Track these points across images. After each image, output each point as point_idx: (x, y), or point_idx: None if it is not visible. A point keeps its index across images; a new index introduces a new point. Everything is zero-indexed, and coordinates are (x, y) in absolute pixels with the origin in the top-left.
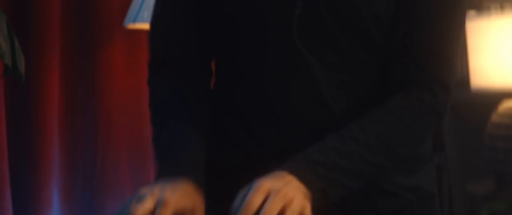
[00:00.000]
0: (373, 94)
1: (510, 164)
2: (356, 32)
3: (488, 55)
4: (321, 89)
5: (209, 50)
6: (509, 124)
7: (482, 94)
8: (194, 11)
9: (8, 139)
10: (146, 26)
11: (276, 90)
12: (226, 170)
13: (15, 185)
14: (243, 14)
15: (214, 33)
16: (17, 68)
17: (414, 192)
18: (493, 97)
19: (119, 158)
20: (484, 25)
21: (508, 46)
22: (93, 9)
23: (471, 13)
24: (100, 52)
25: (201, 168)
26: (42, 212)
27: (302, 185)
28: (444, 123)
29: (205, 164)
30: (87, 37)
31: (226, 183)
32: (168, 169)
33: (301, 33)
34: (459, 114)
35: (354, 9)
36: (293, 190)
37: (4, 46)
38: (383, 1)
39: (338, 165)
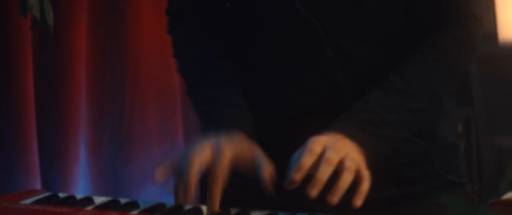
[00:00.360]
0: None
1: None
2: None
3: None
4: (334, 38)
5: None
6: None
7: (510, 48)
8: None
9: (35, 92)
10: None
11: (288, 40)
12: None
13: (42, 138)
14: None
15: None
16: (45, 21)
17: (430, 140)
18: None
19: (146, 110)
20: None
21: None
22: None
23: None
24: (128, 4)
25: (249, 118)
26: (69, 165)
27: (354, 143)
28: (472, 76)
29: None
30: None
31: None
32: (216, 122)
33: None
34: (487, 67)
35: None
36: (348, 144)
37: None
38: None
39: (385, 120)
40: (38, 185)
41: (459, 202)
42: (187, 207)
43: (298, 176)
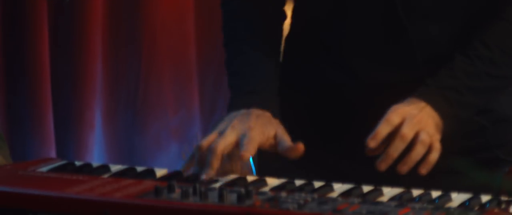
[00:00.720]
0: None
1: None
2: None
3: None
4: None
5: None
6: None
7: None
8: None
9: (51, 61)
10: None
11: (366, 20)
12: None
13: (58, 107)
14: None
15: None
16: None
17: (485, 115)
18: None
19: (162, 78)
20: None
21: None
22: None
23: None
24: None
25: (275, 96)
26: (84, 132)
27: (436, 113)
28: None
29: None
30: None
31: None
32: (241, 98)
33: None
34: None
35: None
36: (427, 117)
37: None
38: None
39: (468, 86)
40: (53, 154)
41: (477, 169)
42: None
43: (372, 143)
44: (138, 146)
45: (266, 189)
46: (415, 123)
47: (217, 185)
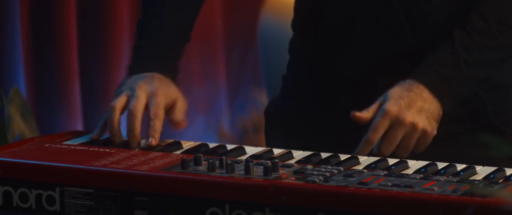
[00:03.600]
0: None
1: None
2: None
3: None
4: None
5: None
6: None
7: None
8: None
9: (78, 33)
10: None
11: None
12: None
13: (84, 79)
14: None
15: None
16: None
17: (482, 83)
18: None
19: (188, 50)
20: None
21: None
22: None
23: None
24: None
25: (176, 63)
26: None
27: (433, 98)
28: None
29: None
30: None
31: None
32: (145, 60)
33: None
34: None
35: None
36: (418, 114)
37: None
38: None
39: (466, 61)
40: (80, 126)
41: (500, 141)
42: (230, 146)
43: (375, 138)
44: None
45: (292, 161)
46: (403, 127)
47: (243, 157)
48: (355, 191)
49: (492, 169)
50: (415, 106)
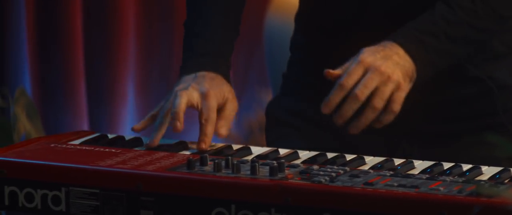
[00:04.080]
0: None
1: None
2: None
3: None
4: None
5: None
6: None
7: None
8: None
9: (84, 33)
10: None
11: None
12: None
13: (90, 79)
14: None
15: None
16: None
17: (488, 79)
18: None
19: None
20: None
21: None
22: None
23: None
24: None
25: (228, 61)
26: (117, 104)
27: (409, 58)
28: None
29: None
30: None
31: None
32: (195, 59)
33: None
34: None
35: None
36: (393, 66)
37: None
38: None
39: (447, 34)
40: (85, 126)
41: (505, 141)
42: (236, 146)
43: (326, 110)
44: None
45: (298, 161)
46: (381, 71)
47: (249, 157)
48: (361, 191)
49: (498, 169)
50: (390, 59)
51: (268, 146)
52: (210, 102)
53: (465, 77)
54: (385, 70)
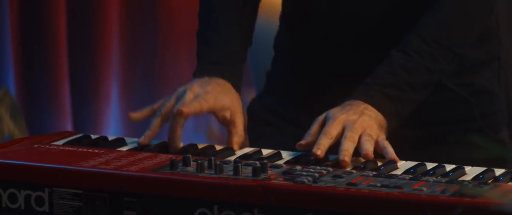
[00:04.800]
0: None
1: None
2: None
3: None
4: None
5: None
6: None
7: None
8: None
9: (68, 34)
10: None
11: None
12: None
13: (74, 80)
14: None
15: None
16: None
17: (468, 88)
18: None
19: (179, 51)
20: None
21: None
22: None
23: None
24: None
25: (239, 70)
26: (101, 105)
27: (378, 112)
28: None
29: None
30: None
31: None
32: (206, 66)
33: None
34: None
35: None
36: (368, 120)
37: None
38: None
39: (408, 82)
40: (69, 127)
41: (490, 142)
42: (219, 147)
43: (326, 142)
44: None
45: (281, 162)
46: (356, 128)
47: (232, 158)
48: (344, 191)
49: (481, 169)
50: (363, 114)
51: (250, 144)
52: (201, 100)
53: (444, 84)
54: (361, 124)
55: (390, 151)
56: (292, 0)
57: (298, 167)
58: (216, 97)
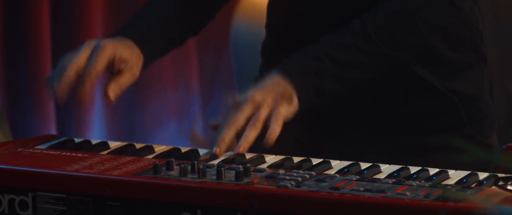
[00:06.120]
0: None
1: None
2: None
3: None
4: None
5: None
6: None
7: None
8: None
9: (51, 36)
10: None
11: None
12: None
13: None
14: None
15: None
16: None
17: (455, 93)
18: None
19: None
20: None
21: None
22: None
23: None
24: None
25: (148, 42)
26: (84, 110)
27: (287, 83)
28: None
29: None
30: None
31: None
32: (117, 33)
33: None
34: (500, 14)
35: None
36: (264, 93)
37: None
38: None
39: (330, 56)
40: (53, 131)
41: (474, 146)
42: (202, 151)
43: (221, 150)
44: (137, 123)
45: (264, 166)
46: (249, 104)
47: (215, 162)
48: (327, 196)
49: (465, 173)
50: (263, 88)
51: None
52: (101, 50)
53: (431, 91)
54: (255, 98)
55: (272, 129)
56: (275, 13)
57: (281, 171)
58: (114, 47)
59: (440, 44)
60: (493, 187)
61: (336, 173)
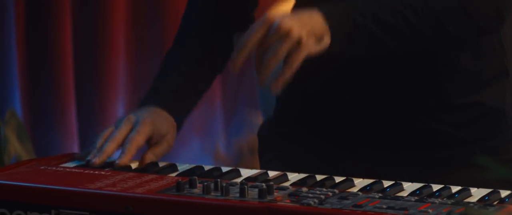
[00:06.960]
0: None
1: None
2: None
3: None
4: None
5: None
6: None
7: None
8: None
9: (74, 54)
10: None
11: None
12: None
13: (80, 100)
14: None
15: None
16: None
17: (476, 107)
18: None
19: None
20: None
21: None
22: None
23: None
24: None
25: (180, 100)
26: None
27: (321, 20)
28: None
29: None
30: None
31: None
32: (148, 97)
33: None
34: None
35: None
36: (296, 23)
37: None
38: None
39: (375, 15)
40: (75, 148)
41: (498, 164)
42: (225, 169)
43: (240, 58)
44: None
45: (287, 184)
46: (276, 32)
47: (238, 180)
48: (349, 213)
49: (487, 191)
50: (296, 18)
51: (261, 169)
52: (140, 127)
53: (456, 103)
54: (284, 26)
55: (283, 73)
56: None
57: (304, 189)
58: (152, 124)
59: (467, 55)
60: None
61: (358, 190)
